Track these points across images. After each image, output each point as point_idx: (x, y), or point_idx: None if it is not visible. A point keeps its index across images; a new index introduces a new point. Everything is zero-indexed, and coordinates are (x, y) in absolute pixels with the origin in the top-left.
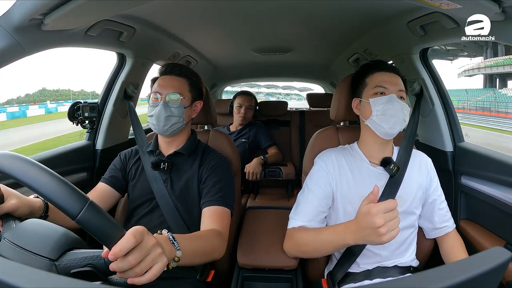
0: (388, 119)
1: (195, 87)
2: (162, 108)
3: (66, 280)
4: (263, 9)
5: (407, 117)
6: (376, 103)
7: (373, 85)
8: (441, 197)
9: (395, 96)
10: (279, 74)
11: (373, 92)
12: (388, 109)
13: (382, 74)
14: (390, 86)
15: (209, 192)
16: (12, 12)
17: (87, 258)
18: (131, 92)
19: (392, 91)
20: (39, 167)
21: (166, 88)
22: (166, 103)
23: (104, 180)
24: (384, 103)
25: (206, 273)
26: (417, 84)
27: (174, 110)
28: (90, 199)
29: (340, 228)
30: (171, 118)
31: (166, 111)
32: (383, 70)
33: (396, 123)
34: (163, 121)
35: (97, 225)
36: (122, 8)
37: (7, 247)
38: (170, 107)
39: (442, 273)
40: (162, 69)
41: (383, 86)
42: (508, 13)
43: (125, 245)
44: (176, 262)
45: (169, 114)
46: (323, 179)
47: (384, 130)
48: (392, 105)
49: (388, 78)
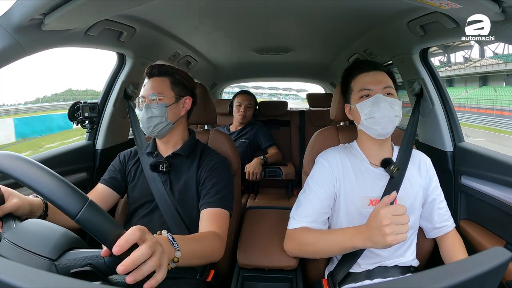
0: (377, 121)
1: (179, 84)
2: (145, 111)
3: (66, 280)
4: (263, 9)
5: (399, 112)
6: (363, 107)
7: (358, 89)
8: (441, 196)
9: (380, 96)
10: (279, 74)
11: (358, 96)
12: (375, 111)
13: (365, 75)
14: (374, 86)
15: (207, 193)
16: (12, 12)
17: (87, 258)
18: (131, 92)
19: (377, 91)
20: (38, 167)
21: (147, 90)
22: (148, 105)
23: (103, 181)
24: (370, 106)
25: (206, 273)
26: (417, 84)
27: (155, 110)
28: (89, 198)
29: (350, 230)
30: (153, 119)
31: (147, 113)
32: (365, 71)
33: (387, 123)
34: (145, 122)
35: (97, 224)
36: (122, 8)
37: (7, 247)
38: (151, 109)
39: (442, 273)
40: (145, 72)
41: (367, 88)
42: (508, 13)
43: (130, 237)
44: (175, 262)
45: (150, 116)
46: (326, 179)
47: (377, 132)
48: (379, 106)
49: (371, 78)
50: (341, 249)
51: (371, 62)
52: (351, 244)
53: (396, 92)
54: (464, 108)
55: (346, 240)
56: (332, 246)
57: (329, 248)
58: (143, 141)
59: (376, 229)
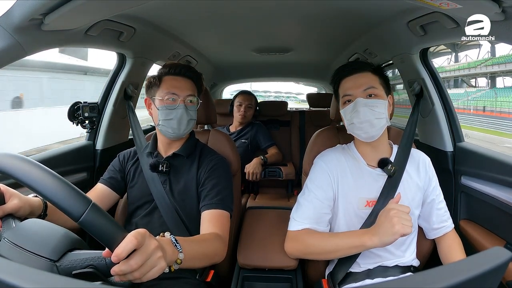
0: (357, 126)
1: (200, 88)
2: (184, 112)
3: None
4: (263, 9)
5: (382, 113)
6: (346, 113)
7: (342, 95)
8: (440, 197)
9: (359, 101)
10: (279, 74)
11: (342, 102)
12: (354, 117)
13: (346, 80)
14: (353, 90)
15: (208, 195)
16: (12, 12)
17: (88, 259)
18: (131, 92)
19: (356, 95)
20: (42, 169)
21: (183, 90)
22: (185, 106)
23: (103, 181)
24: (350, 111)
25: (206, 273)
26: (417, 84)
27: (193, 113)
28: (92, 201)
29: (359, 231)
30: (192, 121)
31: (188, 115)
32: (346, 75)
33: (367, 127)
34: (185, 125)
35: (100, 227)
36: (122, 8)
37: (7, 247)
38: (189, 110)
39: (442, 273)
40: (173, 69)
41: (347, 94)
42: (508, 13)
43: (126, 246)
44: (178, 264)
45: (190, 118)
46: (324, 180)
47: (361, 136)
48: (357, 112)
49: (351, 83)
50: (349, 249)
51: (353, 64)
52: (360, 243)
53: (384, 89)
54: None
55: (354, 241)
56: (339, 246)
57: (335, 249)
58: (143, 141)
59: (385, 221)
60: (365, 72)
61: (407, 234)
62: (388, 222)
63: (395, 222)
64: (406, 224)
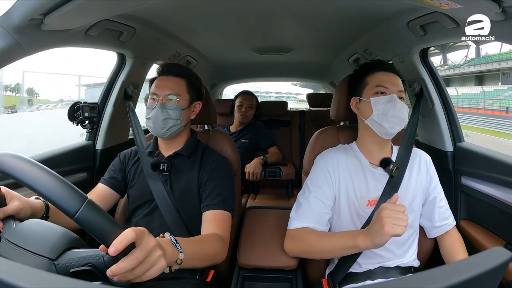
0: (389, 119)
1: (194, 87)
2: (159, 111)
3: (66, 280)
4: (263, 9)
5: (406, 118)
6: (377, 103)
7: (374, 85)
8: (441, 194)
9: (395, 96)
10: (279, 74)
11: (373, 92)
12: (389, 109)
13: (383, 74)
14: (391, 86)
15: (209, 195)
16: (12, 12)
17: (86, 258)
18: (131, 92)
19: (393, 91)
20: (37, 166)
21: (163, 89)
22: (163, 105)
23: (104, 181)
24: (385, 103)
25: (206, 273)
26: (417, 84)
27: (171, 112)
28: (88, 197)
29: (354, 231)
30: (169, 120)
31: (163, 114)
32: (384, 70)
33: (396, 123)
34: (160, 124)
35: (96, 223)
36: (122, 8)
37: (7, 248)
38: (167, 109)
39: (442, 273)
40: (159, 69)
41: (384, 85)
42: (508, 13)
43: (125, 237)
44: (178, 264)
45: (166, 117)
46: (324, 180)
47: (385, 130)
48: (394, 105)
49: (389, 78)
50: (343, 249)
51: (392, 65)
52: (353, 244)
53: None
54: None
55: (349, 240)
56: (334, 246)
57: (331, 249)
58: (143, 141)
59: (376, 222)
60: (399, 77)
61: (399, 234)
62: (378, 223)
63: (384, 223)
64: (398, 224)
